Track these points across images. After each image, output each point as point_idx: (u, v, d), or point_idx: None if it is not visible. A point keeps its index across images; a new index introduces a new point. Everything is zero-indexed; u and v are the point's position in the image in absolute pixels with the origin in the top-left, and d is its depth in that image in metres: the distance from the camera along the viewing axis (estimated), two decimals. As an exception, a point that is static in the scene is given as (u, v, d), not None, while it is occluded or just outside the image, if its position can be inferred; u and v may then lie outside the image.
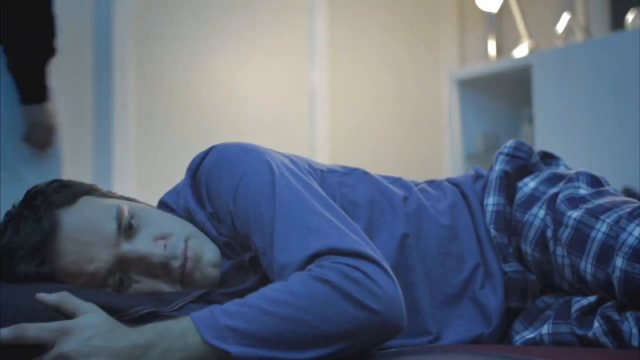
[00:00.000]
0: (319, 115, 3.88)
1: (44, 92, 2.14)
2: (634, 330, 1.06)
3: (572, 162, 1.47)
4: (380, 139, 4.09)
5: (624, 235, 1.08)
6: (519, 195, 1.27)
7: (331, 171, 1.22)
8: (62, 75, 3.11)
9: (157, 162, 3.34)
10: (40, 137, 2.19)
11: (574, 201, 1.17)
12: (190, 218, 1.16)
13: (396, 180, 1.29)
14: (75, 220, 1.07)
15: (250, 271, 1.08)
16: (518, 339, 1.19)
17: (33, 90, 2.13)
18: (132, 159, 3.28)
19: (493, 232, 1.24)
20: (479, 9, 4.08)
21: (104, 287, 1.07)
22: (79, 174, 2.27)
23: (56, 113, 2.19)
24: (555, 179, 1.26)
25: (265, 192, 1.04)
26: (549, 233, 1.18)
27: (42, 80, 2.13)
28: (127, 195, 1.22)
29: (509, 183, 1.30)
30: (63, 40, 2.87)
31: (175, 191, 1.21)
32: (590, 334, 1.09)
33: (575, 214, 1.15)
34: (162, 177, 2.69)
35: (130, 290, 1.08)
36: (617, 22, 3.55)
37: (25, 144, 2.19)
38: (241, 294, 0.99)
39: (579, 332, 1.10)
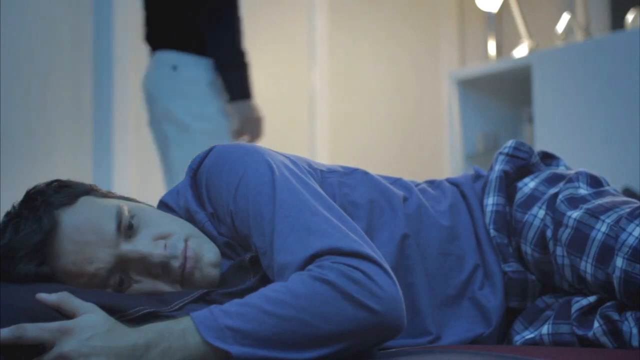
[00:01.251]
0: (319, 115, 3.88)
1: (249, 90, 2.52)
2: (634, 330, 1.06)
3: (572, 162, 1.47)
4: (380, 139, 4.09)
5: (624, 235, 1.08)
6: (519, 196, 1.27)
7: (331, 171, 1.22)
8: (62, 75, 3.12)
9: (157, 162, 3.34)
10: (252, 129, 2.56)
11: (574, 201, 1.17)
12: (190, 218, 1.16)
13: (396, 181, 1.29)
14: (75, 220, 1.07)
15: (250, 271, 1.08)
16: (518, 339, 1.19)
17: (241, 89, 2.51)
18: (132, 159, 3.29)
19: (493, 232, 1.24)
20: (479, 9, 4.08)
21: (104, 287, 1.07)
22: (79, 174, 2.27)
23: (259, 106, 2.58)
24: (555, 179, 1.26)
25: (265, 192, 1.04)
26: (549, 233, 1.18)
27: (247, 79, 2.51)
28: (127, 195, 1.22)
29: (508, 183, 1.30)
30: (63, 40, 2.87)
31: (175, 191, 1.21)
32: (590, 334, 1.09)
33: (575, 214, 1.15)
34: (162, 177, 2.69)
35: (130, 290, 1.08)
36: (617, 22, 3.55)
37: (238, 138, 2.57)
38: (241, 294, 0.99)
39: (579, 332, 1.10)
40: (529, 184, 1.28)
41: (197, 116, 2.53)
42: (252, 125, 2.58)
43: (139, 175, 3.30)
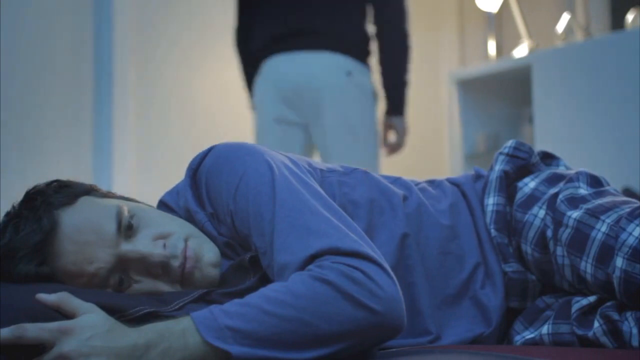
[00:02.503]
0: (319, 115, 3.87)
1: (406, 106, 2.70)
2: (634, 330, 1.06)
3: (572, 162, 1.47)
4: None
5: (624, 235, 1.08)
6: (519, 196, 1.27)
7: (331, 171, 1.22)
8: (62, 75, 3.12)
9: (157, 163, 3.34)
10: (400, 141, 2.74)
11: (574, 201, 1.17)
12: (190, 218, 1.16)
13: (396, 180, 1.29)
14: (75, 220, 1.07)
15: (250, 271, 1.08)
16: (518, 339, 1.19)
17: (402, 105, 2.68)
18: (132, 158, 3.29)
19: (493, 232, 1.24)
20: (479, 9, 4.07)
21: (104, 287, 1.07)
22: (79, 174, 2.27)
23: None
24: (555, 179, 1.26)
25: (265, 192, 1.04)
26: (549, 233, 1.18)
27: (407, 96, 2.68)
28: (127, 195, 1.22)
29: (509, 183, 1.30)
30: (63, 40, 2.87)
31: (175, 191, 1.21)
32: (590, 334, 1.09)
33: (575, 214, 1.15)
34: (162, 177, 2.69)
35: (130, 290, 1.08)
36: (617, 22, 3.55)
37: (392, 148, 2.75)
38: (241, 294, 0.99)
39: (579, 332, 1.10)
40: (529, 184, 1.28)
41: (365, 124, 2.62)
42: (401, 137, 2.73)
43: (139, 175, 3.30)
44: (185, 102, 3.46)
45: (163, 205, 1.22)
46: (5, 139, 2.92)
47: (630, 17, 3.13)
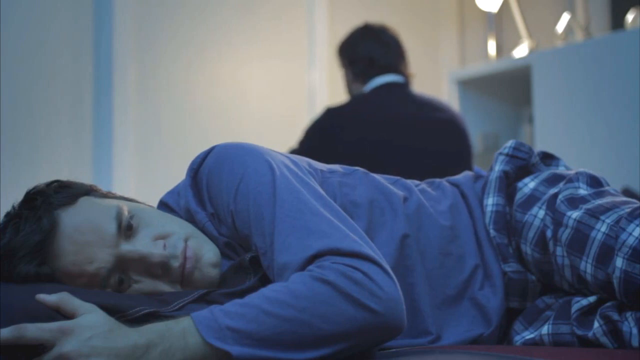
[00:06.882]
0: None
1: None
2: (634, 331, 1.06)
3: (572, 162, 1.47)
4: (380, 139, 4.08)
5: (623, 236, 1.08)
6: (519, 196, 1.27)
7: (331, 171, 1.22)
8: (62, 75, 3.12)
9: (157, 163, 3.34)
10: None
11: (574, 201, 1.17)
12: (190, 218, 1.16)
13: (396, 181, 1.29)
14: (75, 220, 1.07)
15: (250, 271, 1.08)
16: (518, 339, 1.19)
17: None
18: (132, 158, 3.28)
19: (493, 232, 1.24)
20: (479, 9, 4.07)
21: (104, 287, 1.07)
22: (79, 174, 2.27)
23: None
24: (555, 179, 1.26)
25: (266, 193, 1.04)
26: (549, 233, 1.18)
27: None
28: (127, 195, 1.22)
29: (508, 183, 1.30)
30: (63, 40, 2.87)
31: (175, 191, 1.21)
32: (590, 334, 1.09)
33: (575, 214, 1.15)
34: (162, 177, 2.69)
35: (130, 290, 1.08)
36: (617, 22, 3.55)
37: None
38: (241, 294, 0.99)
39: (579, 332, 1.10)
40: (528, 184, 1.28)
41: None
42: None
43: (139, 175, 3.29)
44: (186, 102, 3.46)
45: (163, 205, 1.22)
46: (5, 139, 2.92)
47: (630, 17, 3.13)
